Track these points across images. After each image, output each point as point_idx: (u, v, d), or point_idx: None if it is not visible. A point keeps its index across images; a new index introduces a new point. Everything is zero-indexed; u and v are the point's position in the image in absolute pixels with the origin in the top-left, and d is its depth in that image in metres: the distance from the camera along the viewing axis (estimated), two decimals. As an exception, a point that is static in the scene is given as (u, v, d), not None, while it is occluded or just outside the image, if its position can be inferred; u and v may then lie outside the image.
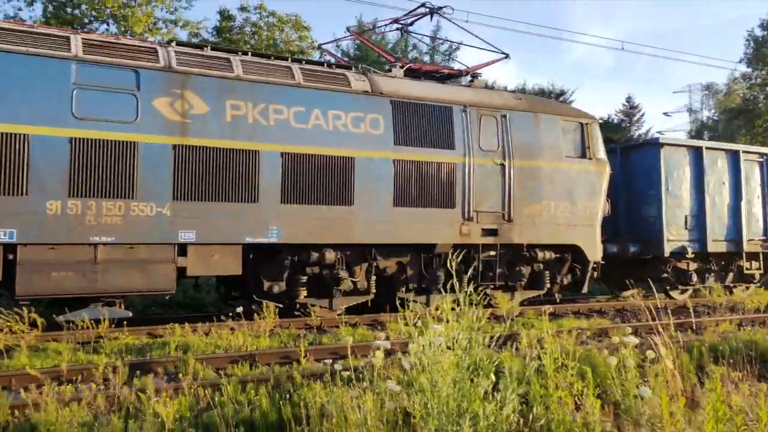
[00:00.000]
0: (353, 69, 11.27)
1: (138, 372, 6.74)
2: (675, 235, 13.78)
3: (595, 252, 12.11)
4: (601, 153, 12.59)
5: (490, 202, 11.21)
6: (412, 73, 12.13)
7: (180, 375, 6.56)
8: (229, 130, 9.39)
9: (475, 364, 4.59)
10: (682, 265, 14.11)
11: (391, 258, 10.79)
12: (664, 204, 13.76)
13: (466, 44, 38.31)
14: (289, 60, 10.66)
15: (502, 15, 48.20)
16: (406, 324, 4.38)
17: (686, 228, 13.97)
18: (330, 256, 10.06)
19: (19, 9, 19.46)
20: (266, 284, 9.99)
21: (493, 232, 11.22)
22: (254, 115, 9.57)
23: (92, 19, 19.02)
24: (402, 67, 11.98)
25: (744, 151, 15.36)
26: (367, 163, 10.26)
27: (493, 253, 11.24)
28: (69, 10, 18.91)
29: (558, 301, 12.55)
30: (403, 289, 10.88)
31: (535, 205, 11.57)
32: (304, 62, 10.84)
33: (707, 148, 14.84)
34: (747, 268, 14.86)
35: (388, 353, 7.94)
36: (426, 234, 10.66)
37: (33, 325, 8.01)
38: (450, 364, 4.46)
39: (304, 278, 10.20)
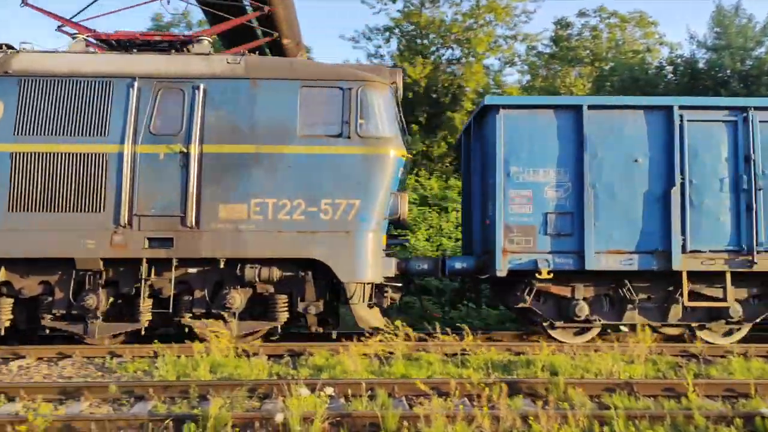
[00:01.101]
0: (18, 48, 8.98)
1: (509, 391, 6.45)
2: (519, 245, 8.94)
3: (354, 269, 8.47)
4: (380, 129, 8.76)
5: (162, 202, 8.45)
6: (116, 45, 9.52)
7: (562, 403, 6.08)
8: None
9: None
10: (562, 290, 9.10)
11: (31, 277, 8.52)
12: (501, 197, 8.99)
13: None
14: None
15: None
16: None
17: (545, 233, 8.96)
18: None
19: (378, 46, 21.78)
20: None
21: (166, 243, 8.42)
22: None
23: (439, 46, 20.29)
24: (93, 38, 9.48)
25: (686, 107, 9.15)
26: None
27: (176, 272, 8.46)
28: (419, 41, 20.50)
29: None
30: (50, 317, 8.52)
31: (239, 205, 8.49)
32: None
33: (594, 106, 9.15)
34: (691, 298, 8.98)
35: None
36: (58, 246, 8.28)
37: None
38: None
39: None
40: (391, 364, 7.70)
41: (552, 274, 8.80)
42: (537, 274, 8.79)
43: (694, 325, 9.16)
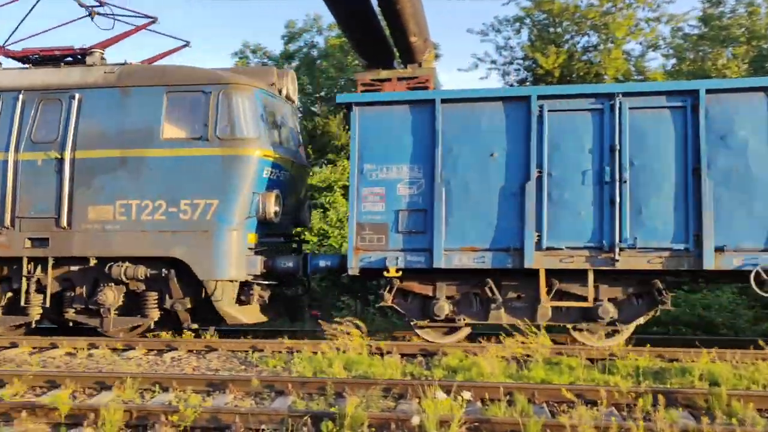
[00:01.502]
0: None
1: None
2: (371, 243, 8.82)
3: (213, 267, 8.79)
4: (242, 130, 9.05)
5: (40, 205, 9.29)
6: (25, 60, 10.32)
7: (728, 418, 5.45)
8: None
9: None
10: (424, 289, 8.92)
11: None
12: (354, 194, 8.93)
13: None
14: None
15: None
16: None
17: (397, 230, 8.77)
18: None
19: (508, 38, 21.13)
20: None
21: (44, 243, 9.21)
22: None
23: (573, 33, 19.34)
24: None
25: (546, 96, 8.69)
26: None
27: (58, 270, 9.32)
28: (551, 29, 19.66)
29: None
30: None
31: (105, 206, 9.10)
32: None
33: (448, 100, 8.81)
34: (560, 297, 8.54)
35: None
36: None
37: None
38: None
39: None
40: (530, 367, 7.35)
41: (401, 272, 8.62)
42: (385, 272, 8.60)
43: (569, 326, 8.63)
